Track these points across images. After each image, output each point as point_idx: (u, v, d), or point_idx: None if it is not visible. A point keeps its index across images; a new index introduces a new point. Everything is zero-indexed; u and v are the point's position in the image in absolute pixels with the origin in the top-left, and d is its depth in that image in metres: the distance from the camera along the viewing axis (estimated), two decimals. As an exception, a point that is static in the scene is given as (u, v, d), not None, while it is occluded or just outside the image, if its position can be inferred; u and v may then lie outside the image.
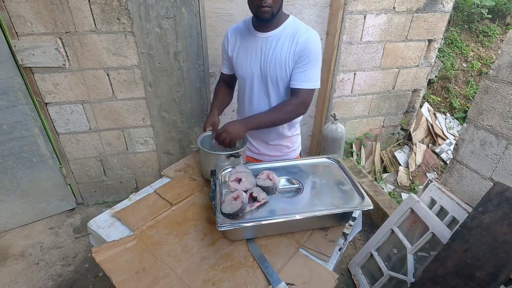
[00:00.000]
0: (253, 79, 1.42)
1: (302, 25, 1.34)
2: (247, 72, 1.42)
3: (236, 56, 1.44)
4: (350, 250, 2.27)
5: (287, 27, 1.33)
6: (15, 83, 1.96)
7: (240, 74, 1.46)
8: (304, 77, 1.32)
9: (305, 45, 1.29)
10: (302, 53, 1.30)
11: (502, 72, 1.40)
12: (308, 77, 1.33)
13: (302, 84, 1.33)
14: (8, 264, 2.09)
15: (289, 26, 1.33)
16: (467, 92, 3.28)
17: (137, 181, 2.64)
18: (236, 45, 1.43)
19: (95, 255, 1.06)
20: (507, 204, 1.29)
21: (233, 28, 1.47)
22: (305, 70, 1.32)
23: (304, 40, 1.29)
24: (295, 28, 1.32)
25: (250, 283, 0.99)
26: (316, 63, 1.34)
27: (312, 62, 1.31)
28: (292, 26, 1.33)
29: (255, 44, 1.37)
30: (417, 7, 2.49)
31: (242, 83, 1.49)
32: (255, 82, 1.42)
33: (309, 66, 1.31)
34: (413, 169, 2.99)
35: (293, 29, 1.32)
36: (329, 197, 1.18)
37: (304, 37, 1.30)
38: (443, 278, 1.33)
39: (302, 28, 1.33)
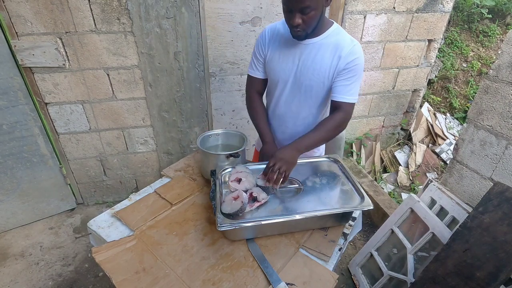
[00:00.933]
0: (285, 85, 1.35)
1: (346, 36, 1.27)
2: (281, 77, 1.35)
3: (271, 58, 1.35)
4: (350, 250, 2.27)
5: (329, 36, 1.26)
6: (15, 83, 1.96)
7: (272, 77, 1.39)
8: (348, 90, 1.27)
9: (350, 57, 1.23)
10: (347, 66, 1.24)
11: (502, 72, 1.40)
12: (352, 91, 1.27)
13: (347, 98, 1.27)
14: (8, 264, 2.09)
15: (332, 36, 1.26)
16: (467, 92, 3.28)
17: (137, 181, 2.64)
18: (273, 46, 1.34)
19: (95, 255, 1.06)
20: (507, 204, 1.29)
21: (271, 28, 1.36)
22: (350, 83, 1.26)
23: (349, 52, 1.23)
24: (338, 39, 1.25)
25: (250, 283, 0.99)
26: (360, 77, 1.29)
27: (356, 76, 1.26)
28: (335, 36, 1.26)
29: (293, 49, 1.29)
30: (417, 7, 2.49)
31: (272, 87, 1.42)
32: (287, 88, 1.36)
33: (353, 79, 1.26)
34: (413, 169, 2.99)
35: (336, 40, 1.25)
36: (329, 197, 1.18)
37: (348, 49, 1.23)
38: (443, 278, 1.33)
39: (346, 39, 1.25)
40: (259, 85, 1.46)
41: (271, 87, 1.44)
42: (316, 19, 1.16)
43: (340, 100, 1.27)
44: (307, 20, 1.14)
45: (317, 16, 1.15)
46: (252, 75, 1.44)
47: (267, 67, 1.38)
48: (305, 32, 1.19)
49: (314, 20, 1.16)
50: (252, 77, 1.44)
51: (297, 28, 1.16)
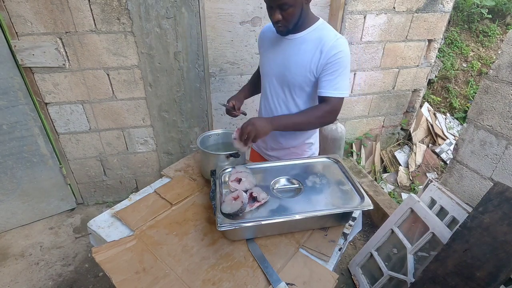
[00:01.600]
0: (272, 79, 1.41)
1: (331, 31, 1.28)
2: (268, 72, 1.42)
3: (262, 56, 1.46)
4: (350, 250, 2.27)
5: (313, 31, 1.28)
6: (15, 83, 1.96)
7: (262, 72, 1.48)
8: (333, 85, 1.27)
9: (332, 51, 1.23)
10: (329, 61, 1.24)
11: (502, 72, 1.40)
12: (337, 85, 1.27)
13: (332, 92, 1.27)
14: (8, 264, 2.09)
15: (316, 31, 1.28)
16: (467, 92, 3.28)
17: (137, 181, 2.64)
18: (265, 45, 1.44)
19: (95, 255, 1.06)
20: (507, 204, 1.29)
21: (266, 27, 1.47)
22: (334, 77, 1.26)
23: (332, 46, 1.24)
24: (322, 34, 1.27)
25: (250, 283, 0.99)
26: (346, 70, 1.28)
27: (340, 69, 1.26)
28: (320, 31, 1.28)
29: (280, 45, 1.35)
30: (417, 7, 2.49)
31: (263, 81, 1.50)
32: (273, 82, 1.41)
33: (338, 73, 1.26)
34: (413, 169, 2.99)
35: (319, 35, 1.27)
36: (329, 197, 1.18)
37: (331, 43, 1.24)
38: (443, 278, 1.33)
39: (330, 33, 1.27)
40: None
41: (263, 83, 1.51)
42: (295, 15, 1.21)
43: (325, 95, 1.28)
44: (287, 16, 1.20)
45: (296, 13, 1.20)
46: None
47: (261, 62, 1.49)
48: (286, 28, 1.24)
49: (294, 16, 1.21)
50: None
51: (278, 24, 1.23)
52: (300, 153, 1.55)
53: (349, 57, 1.28)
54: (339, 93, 1.28)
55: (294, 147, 1.53)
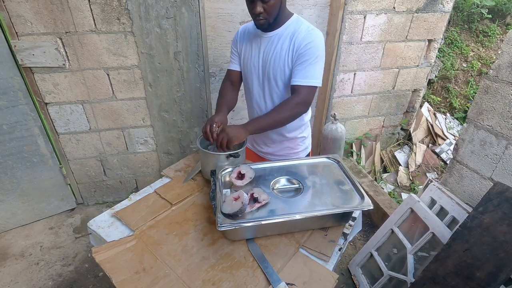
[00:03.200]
0: (254, 77, 1.45)
1: (304, 24, 1.33)
2: (250, 71, 1.45)
3: (243, 54, 1.48)
4: (350, 250, 2.27)
5: (289, 27, 1.33)
6: (15, 83, 1.96)
7: (244, 71, 1.50)
8: (303, 74, 1.30)
9: (303, 42, 1.28)
10: (301, 51, 1.29)
11: (502, 72, 1.40)
12: (308, 74, 1.30)
13: (301, 81, 1.30)
14: (8, 264, 2.09)
15: (291, 26, 1.33)
16: (467, 92, 3.28)
17: (137, 181, 2.64)
18: (244, 42, 1.47)
19: (95, 255, 1.06)
20: (507, 204, 1.29)
21: (243, 27, 1.51)
22: (304, 67, 1.30)
23: (303, 37, 1.28)
24: (295, 28, 1.32)
25: (250, 283, 0.99)
26: (316, 60, 1.31)
27: (311, 59, 1.29)
28: (294, 25, 1.33)
29: (258, 43, 1.40)
30: (417, 7, 2.49)
31: (246, 81, 1.52)
32: (256, 80, 1.45)
33: (308, 63, 1.29)
34: (413, 169, 2.99)
35: (293, 29, 1.32)
36: (329, 197, 1.18)
37: (302, 35, 1.29)
38: (443, 278, 1.33)
39: (303, 26, 1.32)
40: (234, 76, 1.55)
41: (245, 82, 1.54)
42: (276, 8, 1.25)
43: (295, 83, 1.31)
44: (268, 8, 1.23)
45: (277, 5, 1.25)
46: (229, 68, 1.56)
47: (242, 61, 1.50)
48: (267, 21, 1.28)
49: (275, 9, 1.25)
50: (228, 69, 1.57)
51: (259, 17, 1.26)
52: (293, 147, 1.58)
53: (320, 47, 1.31)
54: (309, 81, 1.30)
55: (287, 140, 1.56)
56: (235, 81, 1.57)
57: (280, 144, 1.57)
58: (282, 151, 1.59)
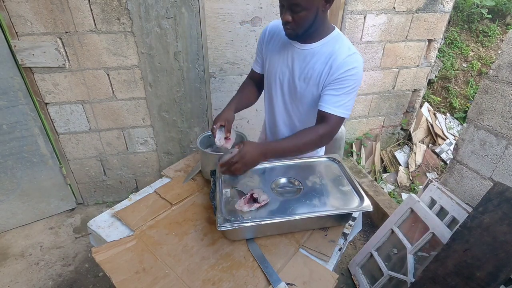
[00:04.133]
0: (278, 88, 1.32)
1: (345, 45, 1.17)
2: (274, 81, 1.31)
3: (268, 59, 1.33)
4: (350, 250, 2.27)
5: (327, 44, 1.18)
6: (15, 83, 1.96)
7: (268, 79, 1.36)
8: (336, 101, 1.15)
9: (343, 67, 1.13)
10: (338, 76, 1.14)
11: (502, 72, 1.40)
12: (341, 103, 1.15)
13: (333, 109, 1.15)
14: (8, 264, 2.09)
15: (329, 43, 1.18)
16: (467, 92, 3.28)
17: (137, 181, 2.64)
18: (271, 46, 1.31)
19: (95, 255, 1.06)
20: (507, 204, 1.29)
21: (272, 26, 1.32)
22: (339, 94, 1.15)
23: (343, 62, 1.13)
24: (334, 48, 1.17)
25: (250, 283, 0.99)
26: (353, 90, 1.16)
27: (348, 88, 1.14)
28: (333, 44, 1.18)
29: (289, 53, 1.24)
30: (417, 7, 2.49)
31: (269, 88, 1.38)
32: (279, 92, 1.32)
33: (344, 91, 1.14)
34: (413, 169, 2.99)
35: (332, 48, 1.17)
36: (329, 197, 1.18)
37: (342, 58, 1.14)
38: (443, 278, 1.33)
39: (343, 48, 1.16)
40: (257, 77, 1.45)
41: (267, 89, 1.41)
42: (307, 21, 1.10)
43: (325, 110, 1.16)
44: (297, 19, 1.08)
45: (308, 18, 1.09)
46: (252, 67, 1.47)
47: (266, 67, 1.36)
48: (295, 32, 1.13)
49: (305, 21, 1.10)
50: (252, 69, 1.47)
51: (287, 26, 1.12)
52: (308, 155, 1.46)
53: (360, 76, 1.16)
54: (341, 112, 1.15)
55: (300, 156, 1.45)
56: (257, 81, 1.46)
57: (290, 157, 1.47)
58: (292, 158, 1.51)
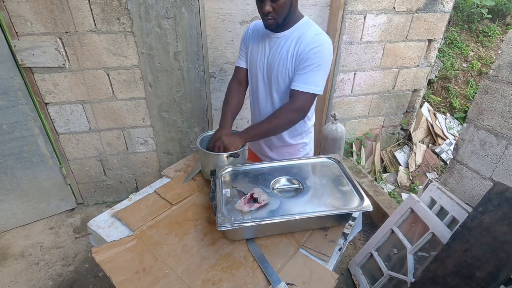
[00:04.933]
0: (259, 77, 1.42)
1: (312, 28, 1.28)
2: (255, 71, 1.43)
3: (250, 52, 1.45)
4: (350, 250, 2.27)
5: (297, 29, 1.29)
6: (15, 83, 1.96)
7: (250, 71, 1.48)
8: (303, 79, 1.26)
9: (308, 46, 1.23)
10: (304, 55, 1.24)
11: (502, 72, 1.40)
12: (308, 80, 1.25)
13: (300, 87, 1.26)
14: (8, 264, 2.09)
15: (299, 28, 1.29)
16: (467, 92, 3.28)
17: (137, 181, 2.64)
18: (252, 40, 1.44)
19: (95, 255, 1.06)
20: (507, 204, 1.29)
21: (255, 23, 1.47)
22: (305, 72, 1.25)
23: (309, 41, 1.24)
24: (303, 30, 1.28)
25: (250, 283, 0.99)
26: (320, 67, 1.25)
27: (314, 65, 1.24)
28: (302, 28, 1.29)
29: (266, 43, 1.37)
30: (417, 7, 2.49)
31: (251, 80, 1.49)
32: (261, 81, 1.43)
33: (310, 68, 1.25)
34: (413, 169, 2.99)
35: (301, 31, 1.28)
36: (329, 197, 1.18)
37: (308, 39, 1.24)
38: (443, 278, 1.33)
39: (311, 30, 1.27)
40: (241, 74, 1.52)
41: (251, 82, 1.50)
42: (285, 8, 1.20)
43: (294, 88, 1.27)
44: (277, 8, 1.19)
45: (286, 5, 1.20)
46: (236, 64, 1.53)
47: (248, 59, 1.47)
48: (275, 21, 1.23)
49: (284, 9, 1.20)
50: (236, 67, 1.53)
51: (268, 16, 1.22)
52: (293, 153, 1.56)
53: (327, 54, 1.26)
54: (308, 88, 1.26)
55: (287, 146, 1.54)
56: (242, 80, 1.54)
57: (280, 149, 1.56)
58: (282, 156, 1.57)
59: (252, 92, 1.52)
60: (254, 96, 1.51)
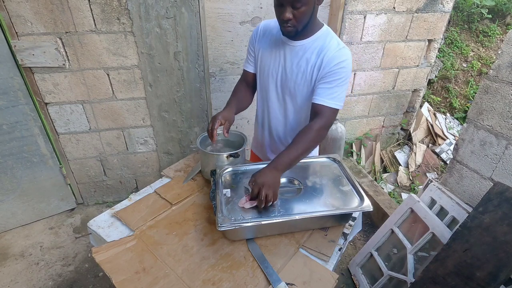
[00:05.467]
0: (271, 86, 1.35)
1: (334, 39, 1.22)
2: (267, 78, 1.35)
3: (260, 57, 1.36)
4: (350, 250, 2.27)
5: (317, 40, 1.23)
6: (15, 83, 1.96)
7: (260, 77, 1.39)
8: (330, 94, 1.19)
9: (334, 61, 1.18)
10: (329, 69, 1.19)
11: (502, 72, 1.40)
12: (334, 95, 1.19)
13: (327, 102, 1.19)
14: (8, 264, 2.09)
15: (320, 39, 1.22)
16: (467, 92, 3.28)
17: (137, 181, 2.64)
18: (263, 44, 1.34)
19: (95, 255, 1.06)
20: (507, 204, 1.29)
21: (265, 24, 1.36)
22: (332, 86, 1.19)
23: (333, 55, 1.18)
24: (325, 42, 1.21)
25: (250, 283, 0.99)
26: (344, 82, 1.21)
27: (339, 80, 1.19)
28: (323, 39, 1.22)
29: (281, 50, 1.28)
30: (417, 7, 2.49)
31: (261, 86, 1.42)
32: (273, 90, 1.35)
33: (336, 83, 1.19)
34: (413, 169, 2.99)
35: (322, 42, 1.21)
36: (329, 197, 1.18)
37: (333, 52, 1.19)
38: (443, 278, 1.33)
39: (333, 42, 1.21)
40: (249, 78, 1.46)
41: (261, 88, 1.43)
42: (307, 16, 1.13)
43: (319, 103, 1.20)
44: (298, 15, 1.11)
45: (308, 13, 1.13)
46: (244, 68, 1.46)
47: (258, 64, 1.38)
48: (295, 28, 1.15)
49: (305, 16, 1.13)
50: (244, 70, 1.46)
51: (288, 24, 1.13)
52: None
53: (350, 68, 1.21)
54: (334, 103, 1.20)
55: None
56: (250, 83, 1.47)
57: None
58: None
59: (262, 99, 1.44)
60: (264, 104, 1.43)
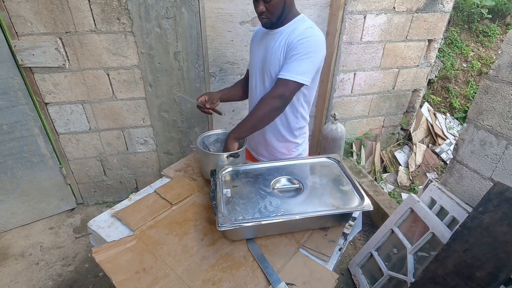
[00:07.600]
0: (256, 73, 1.47)
1: (306, 23, 1.32)
2: (253, 66, 1.49)
3: (251, 52, 1.54)
4: (350, 250, 2.27)
5: (292, 25, 1.33)
6: (15, 83, 1.96)
7: (250, 69, 1.54)
8: (286, 68, 1.27)
9: (297, 38, 1.27)
10: (292, 45, 1.28)
11: (502, 72, 1.40)
12: (291, 68, 1.26)
13: (282, 74, 1.28)
14: (8, 264, 2.09)
15: (294, 24, 1.33)
16: (467, 92, 3.28)
17: (137, 181, 2.64)
18: (254, 41, 1.52)
19: (95, 255, 1.06)
20: (507, 204, 1.29)
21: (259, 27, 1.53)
22: (290, 61, 1.27)
23: (298, 33, 1.28)
24: (296, 25, 1.32)
25: (250, 283, 0.99)
26: (305, 56, 1.25)
27: (300, 54, 1.25)
28: (297, 24, 1.33)
29: (264, 40, 1.43)
30: (417, 7, 2.49)
31: (250, 75, 1.55)
32: (257, 76, 1.47)
33: (295, 57, 1.26)
34: (413, 169, 2.99)
35: (294, 27, 1.32)
36: (329, 197, 1.18)
37: (299, 31, 1.28)
38: (443, 278, 1.33)
39: (303, 24, 1.31)
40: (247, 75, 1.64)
41: (250, 78, 1.56)
42: (278, 8, 1.27)
43: (278, 76, 1.30)
44: (270, 8, 1.26)
45: (279, 5, 1.27)
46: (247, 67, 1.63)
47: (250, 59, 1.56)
48: (269, 20, 1.31)
49: (277, 8, 1.27)
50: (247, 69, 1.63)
51: (262, 16, 1.30)
52: (286, 152, 1.56)
53: (314, 45, 1.26)
54: (290, 75, 1.25)
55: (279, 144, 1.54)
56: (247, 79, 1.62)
57: (272, 148, 1.55)
58: (274, 155, 1.56)
59: (250, 88, 1.56)
60: (252, 92, 1.54)
